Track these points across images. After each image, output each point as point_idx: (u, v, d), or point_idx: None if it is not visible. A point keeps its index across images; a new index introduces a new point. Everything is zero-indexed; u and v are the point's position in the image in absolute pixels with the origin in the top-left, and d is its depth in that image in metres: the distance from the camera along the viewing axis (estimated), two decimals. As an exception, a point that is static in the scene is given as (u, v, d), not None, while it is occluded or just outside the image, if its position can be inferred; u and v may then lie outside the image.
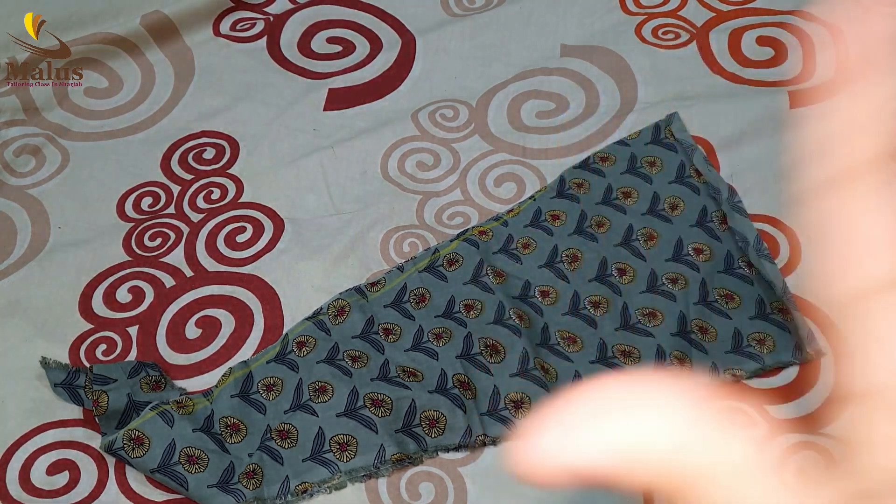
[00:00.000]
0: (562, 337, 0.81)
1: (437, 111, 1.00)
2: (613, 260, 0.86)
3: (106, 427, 0.76)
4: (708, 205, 0.89)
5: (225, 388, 0.78)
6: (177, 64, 1.07)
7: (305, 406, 0.77)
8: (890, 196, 0.17)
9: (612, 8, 1.07)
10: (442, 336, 0.81)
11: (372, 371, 0.78)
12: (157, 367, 0.81)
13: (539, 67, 1.03)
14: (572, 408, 0.17)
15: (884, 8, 0.17)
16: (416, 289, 0.84)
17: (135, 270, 0.89)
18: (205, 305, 0.86)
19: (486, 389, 0.78)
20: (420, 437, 0.75)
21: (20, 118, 1.01)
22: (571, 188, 0.91)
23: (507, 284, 0.84)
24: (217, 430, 0.76)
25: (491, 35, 1.07)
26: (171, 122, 1.02)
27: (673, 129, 0.94)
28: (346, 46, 1.08)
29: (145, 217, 0.93)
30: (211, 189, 0.95)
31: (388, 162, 0.95)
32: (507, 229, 0.88)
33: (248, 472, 0.73)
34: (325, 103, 1.02)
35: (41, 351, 0.82)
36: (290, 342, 0.81)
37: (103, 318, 0.85)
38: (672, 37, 1.04)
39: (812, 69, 0.99)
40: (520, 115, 0.99)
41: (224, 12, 1.10)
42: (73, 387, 0.79)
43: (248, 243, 0.90)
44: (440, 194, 0.93)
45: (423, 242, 0.89)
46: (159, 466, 0.73)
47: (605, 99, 0.99)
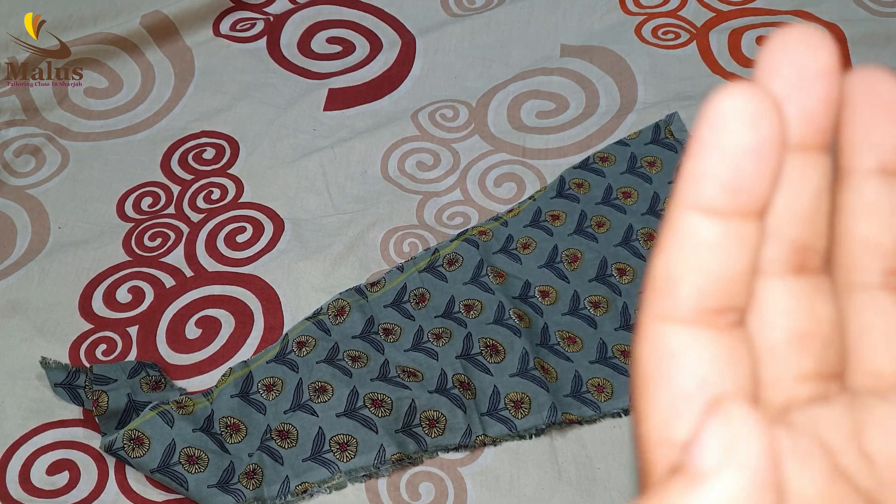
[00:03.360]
0: (562, 337, 0.81)
1: (437, 111, 1.00)
2: (613, 260, 0.86)
3: (106, 427, 0.76)
4: (708, 205, 0.89)
5: (225, 389, 0.78)
6: (177, 64, 1.07)
7: (305, 406, 0.77)
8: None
9: (612, 8, 1.07)
10: (442, 336, 0.81)
11: (372, 371, 0.78)
12: (157, 367, 0.81)
13: (539, 67, 1.03)
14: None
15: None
16: (416, 289, 0.84)
17: (135, 270, 0.89)
18: (205, 305, 0.86)
19: (486, 389, 0.78)
20: (420, 437, 0.75)
21: (20, 118, 1.01)
22: (571, 188, 0.91)
23: (507, 284, 0.84)
24: (217, 430, 0.76)
25: (491, 35, 1.07)
26: (171, 122, 1.02)
27: (673, 129, 0.94)
28: (346, 46, 1.08)
29: (145, 217, 0.93)
30: (211, 189, 0.95)
31: (388, 162, 0.95)
32: (507, 229, 0.88)
33: (248, 472, 0.73)
34: (325, 103, 1.02)
35: (41, 351, 0.82)
36: (290, 342, 0.81)
37: (103, 318, 0.85)
38: (672, 37, 1.04)
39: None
40: (520, 115, 0.99)
41: (224, 12, 1.10)
42: (73, 387, 0.79)
43: (248, 243, 0.90)
44: (440, 194, 0.93)
45: (423, 242, 0.89)
46: (159, 466, 0.73)
47: (605, 99, 0.99)
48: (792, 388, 0.16)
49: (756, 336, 0.16)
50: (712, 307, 0.15)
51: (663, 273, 0.16)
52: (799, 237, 0.16)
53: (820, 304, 0.17)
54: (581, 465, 0.75)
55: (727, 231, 0.15)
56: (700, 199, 0.15)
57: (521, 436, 0.76)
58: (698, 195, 0.15)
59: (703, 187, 0.15)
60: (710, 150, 0.15)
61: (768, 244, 0.16)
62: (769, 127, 0.15)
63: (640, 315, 0.16)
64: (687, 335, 0.16)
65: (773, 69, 0.16)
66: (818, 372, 0.17)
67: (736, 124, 0.15)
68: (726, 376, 0.15)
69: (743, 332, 0.16)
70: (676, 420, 0.15)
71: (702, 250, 0.15)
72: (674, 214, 0.15)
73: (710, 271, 0.15)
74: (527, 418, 0.76)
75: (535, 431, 0.76)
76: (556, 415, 0.76)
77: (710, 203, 0.15)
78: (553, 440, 0.76)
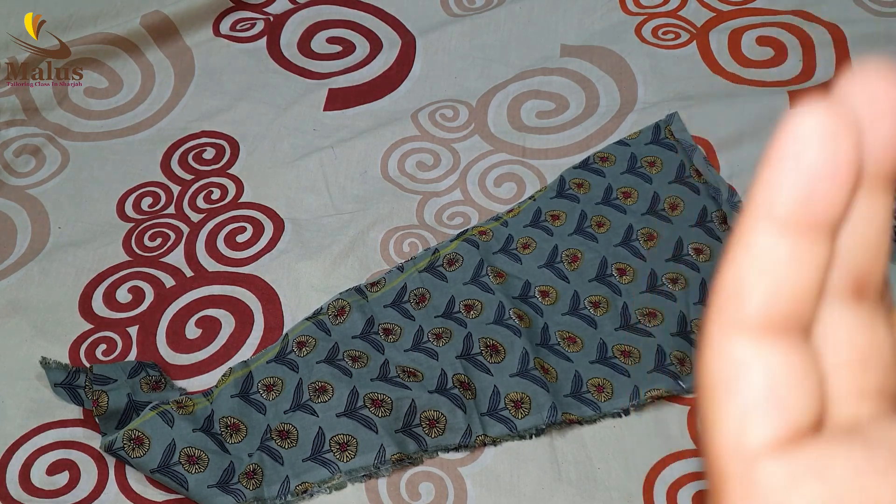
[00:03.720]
0: (562, 337, 0.81)
1: (437, 111, 1.00)
2: (613, 260, 0.86)
3: (106, 427, 0.76)
4: (708, 205, 0.89)
5: (225, 389, 0.78)
6: (177, 64, 1.07)
7: (305, 406, 0.77)
8: None
9: (612, 8, 1.07)
10: (442, 336, 0.81)
11: (372, 371, 0.78)
12: (157, 367, 0.81)
13: (539, 67, 1.03)
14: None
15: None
16: (416, 289, 0.84)
17: (135, 270, 0.89)
18: (205, 305, 0.86)
19: (486, 389, 0.78)
20: (420, 437, 0.75)
21: (20, 118, 1.01)
22: (571, 188, 0.91)
23: (507, 284, 0.84)
24: (217, 430, 0.76)
25: (491, 35, 1.07)
26: (171, 123, 1.02)
27: (673, 129, 0.94)
28: (346, 46, 1.08)
29: (145, 217, 0.93)
30: (211, 189, 0.95)
31: (388, 162, 0.95)
32: (507, 229, 0.88)
33: (248, 472, 0.73)
34: (325, 103, 1.02)
35: (41, 351, 0.82)
36: (290, 342, 0.81)
37: (103, 318, 0.85)
38: (672, 37, 1.04)
39: (812, 69, 0.99)
40: (520, 115, 0.99)
41: (224, 12, 1.10)
42: (73, 387, 0.79)
43: (248, 243, 0.90)
44: (440, 194, 0.93)
45: (423, 242, 0.89)
46: (159, 466, 0.73)
47: (605, 99, 0.99)
48: (858, 404, 0.17)
49: (821, 353, 0.17)
50: (780, 320, 0.16)
51: (733, 284, 0.16)
52: (862, 267, 0.17)
53: (879, 329, 0.17)
54: (581, 465, 0.75)
55: (798, 247, 0.15)
56: (774, 213, 0.15)
57: (521, 436, 0.76)
58: (773, 209, 0.15)
59: (777, 201, 0.15)
60: (788, 165, 0.15)
61: (835, 269, 0.16)
62: (846, 148, 0.15)
63: (708, 325, 0.16)
64: (755, 345, 0.16)
65: (852, 99, 0.16)
66: (881, 390, 0.17)
67: (815, 142, 0.15)
68: (795, 386, 0.16)
69: (809, 347, 0.16)
70: (749, 428, 0.16)
71: (773, 263, 0.16)
72: (746, 226, 0.16)
73: (779, 285, 0.16)
74: (527, 418, 0.76)
75: (535, 431, 0.76)
76: (556, 415, 0.76)
77: (784, 218, 0.15)
78: (553, 440, 0.76)
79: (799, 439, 0.16)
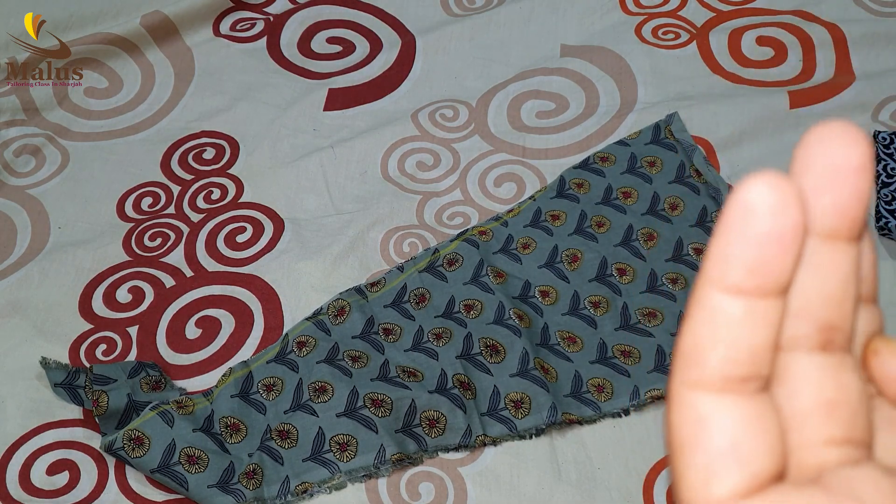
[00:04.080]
0: (562, 337, 0.81)
1: (437, 111, 1.00)
2: (613, 260, 0.86)
3: (106, 427, 0.76)
4: (708, 205, 0.89)
5: (225, 388, 0.78)
6: (177, 64, 1.07)
7: (305, 406, 0.77)
8: None
9: (612, 8, 1.07)
10: (442, 336, 0.81)
11: (372, 371, 0.78)
12: (157, 367, 0.81)
13: (539, 67, 1.03)
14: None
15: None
16: (416, 289, 0.84)
17: (135, 270, 0.89)
18: (205, 305, 0.86)
19: (486, 389, 0.78)
20: (420, 437, 0.75)
21: (20, 118, 1.01)
22: (571, 188, 0.91)
23: (507, 284, 0.84)
24: (217, 430, 0.76)
25: (491, 35, 1.07)
26: (171, 122, 1.02)
27: (673, 129, 0.94)
28: (346, 46, 1.08)
29: (145, 217, 0.93)
30: (211, 189, 0.95)
31: (388, 162, 0.95)
32: (507, 229, 0.88)
33: (248, 472, 0.73)
34: (325, 103, 1.02)
35: (41, 351, 0.82)
36: (290, 342, 0.81)
37: (103, 318, 0.85)
38: (672, 37, 1.04)
39: (812, 69, 0.99)
40: (520, 115, 0.99)
41: (224, 12, 1.10)
42: (73, 387, 0.79)
43: (248, 243, 0.90)
44: (440, 194, 0.93)
45: (423, 242, 0.89)
46: (159, 466, 0.73)
47: (605, 99, 0.99)
48: (823, 453, 0.17)
49: (784, 404, 0.18)
50: (738, 376, 0.17)
51: (692, 344, 0.17)
52: (826, 318, 0.18)
53: (846, 377, 0.18)
54: (581, 465, 0.75)
55: (751, 308, 0.17)
56: (726, 280, 0.16)
57: (521, 436, 0.76)
58: (725, 276, 0.16)
59: (729, 269, 0.16)
60: (737, 235, 0.16)
61: (797, 322, 0.17)
62: (792, 216, 0.16)
63: (670, 384, 0.17)
64: (716, 401, 0.17)
65: (808, 163, 0.17)
66: (847, 438, 0.18)
67: (761, 212, 0.16)
68: (756, 437, 0.17)
69: (769, 399, 0.17)
70: (714, 479, 0.16)
71: (728, 324, 0.17)
72: (701, 291, 0.17)
73: (735, 343, 0.17)
74: (527, 418, 0.76)
75: (535, 431, 0.76)
76: (556, 415, 0.76)
77: (736, 283, 0.16)
78: (553, 440, 0.76)
79: (762, 488, 0.16)
